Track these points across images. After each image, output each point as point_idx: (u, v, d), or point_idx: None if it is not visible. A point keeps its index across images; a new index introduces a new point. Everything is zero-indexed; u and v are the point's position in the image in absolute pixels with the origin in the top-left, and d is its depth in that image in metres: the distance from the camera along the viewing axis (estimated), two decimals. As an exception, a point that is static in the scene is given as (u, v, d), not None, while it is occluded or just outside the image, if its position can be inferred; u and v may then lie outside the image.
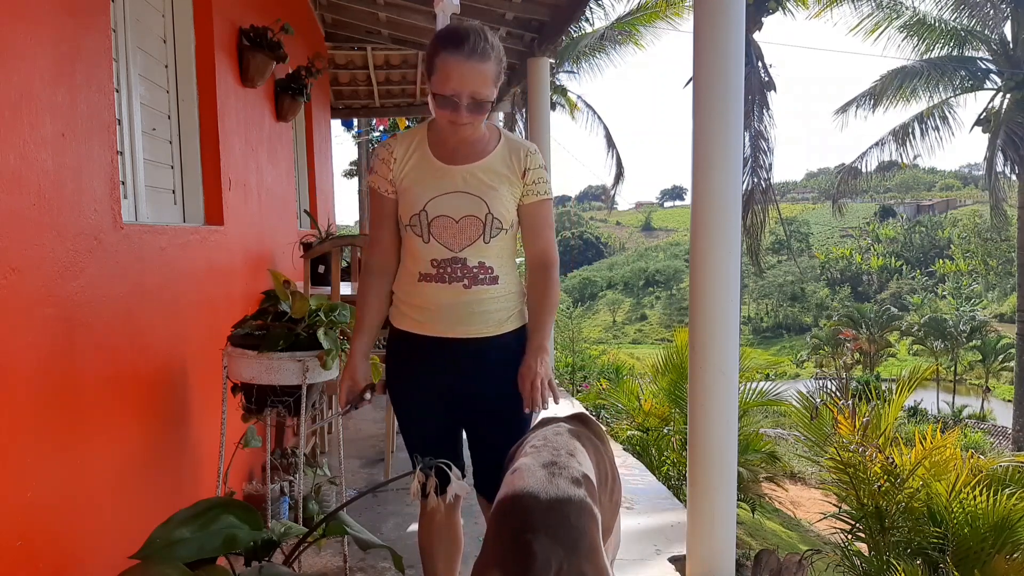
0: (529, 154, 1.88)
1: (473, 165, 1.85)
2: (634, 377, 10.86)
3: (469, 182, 1.83)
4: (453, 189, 1.83)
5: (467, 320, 1.86)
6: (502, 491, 1.48)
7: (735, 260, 2.65)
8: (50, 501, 1.61)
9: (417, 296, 1.89)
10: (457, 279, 1.84)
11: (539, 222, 1.92)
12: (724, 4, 2.54)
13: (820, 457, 3.73)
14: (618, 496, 1.84)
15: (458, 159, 1.85)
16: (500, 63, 1.79)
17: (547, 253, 1.93)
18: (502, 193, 1.84)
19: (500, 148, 1.88)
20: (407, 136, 1.94)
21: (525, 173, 1.87)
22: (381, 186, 1.92)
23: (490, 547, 1.42)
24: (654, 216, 76.89)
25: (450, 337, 1.88)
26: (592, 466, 1.60)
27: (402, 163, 1.89)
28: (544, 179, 1.91)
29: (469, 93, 1.73)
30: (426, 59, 1.80)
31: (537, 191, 1.89)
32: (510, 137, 1.92)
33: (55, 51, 1.65)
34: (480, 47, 1.72)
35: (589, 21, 13.28)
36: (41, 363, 1.58)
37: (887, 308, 36.97)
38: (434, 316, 1.88)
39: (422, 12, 5.71)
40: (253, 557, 1.94)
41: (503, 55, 1.81)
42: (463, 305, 1.85)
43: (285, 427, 3.47)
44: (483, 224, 1.82)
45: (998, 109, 14.53)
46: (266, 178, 3.88)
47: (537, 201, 1.90)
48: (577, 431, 1.69)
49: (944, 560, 3.11)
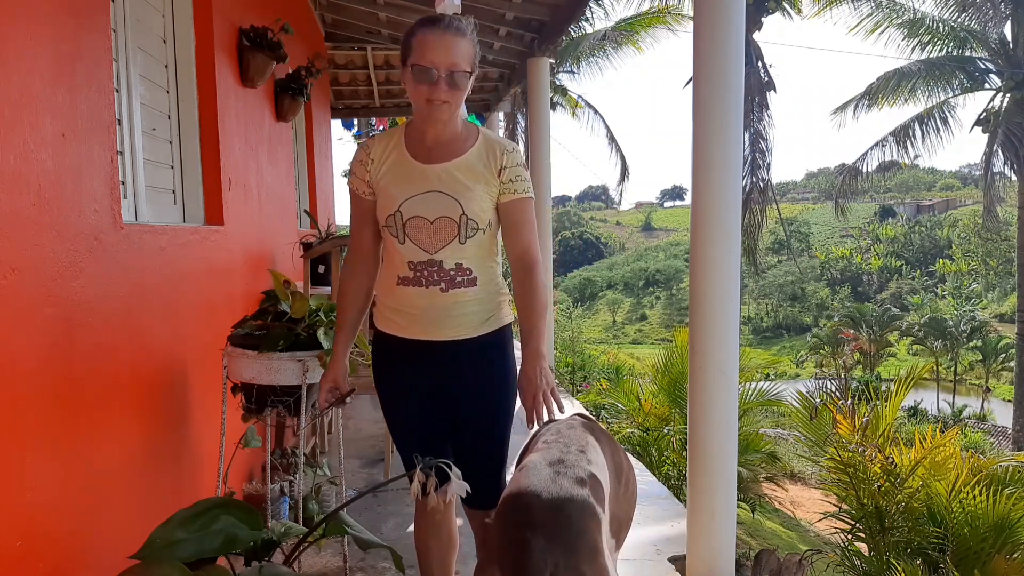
0: (506, 152, 1.87)
1: (449, 164, 1.84)
2: (634, 377, 10.84)
3: (444, 180, 1.83)
4: (428, 189, 1.83)
5: (446, 323, 1.87)
6: (507, 489, 1.50)
7: (735, 260, 2.65)
8: (50, 501, 1.61)
9: (397, 300, 1.91)
10: (434, 283, 1.85)
11: (517, 221, 1.89)
12: (724, 4, 2.54)
13: (820, 457, 3.73)
14: (634, 487, 1.85)
15: (434, 158, 1.85)
16: (475, 46, 1.81)
17: (528, 253, 1.90)
18: (477, 193, 1.83)
19: (477, 146, 1.87)
20: (384, 137, 1.94)
21: (501, 171, 1.85)
22: (359, 187, 1.94)
23: (492, 544, 1.43)
24: (654, 216, 76.87)
25: (430, 340, 1.89)
26: (605, 460, 1.60)
27: (379, 164, 1.90)
28: (522, 177, 1.88)
29: (447, 66, 1.74)
30: (402, 46, 1.82)
31: (514, 189, 1.87)
32: (488, 136, 1.91)
33: (55, 51, 1.65)
34: (455, 24, 1.76)
35: (589, 21, 13.29)
36: (41, 363, 1.58)
37: (887, 308, 36.98)
38: (414, 320, 1.89)
39: (422, 12, 5.70)
40: (253, 557, 1.94)
41: (477, 41, 1.82)
42: (441, 309, 1.86)
43: (285, 427, 3.47)
44: (457, 225, 1.82)
45: (998, 109, 14.53)
46: (266, 178, 3.88)
47: (514, 200, 1.88)
48: (591, 424, 1.70)
49: (944, 560, 3.11)
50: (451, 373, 1.92)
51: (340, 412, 3.20)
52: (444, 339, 1.89)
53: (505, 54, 6.50)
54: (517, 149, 1.90)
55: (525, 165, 1.92)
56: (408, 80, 1.79)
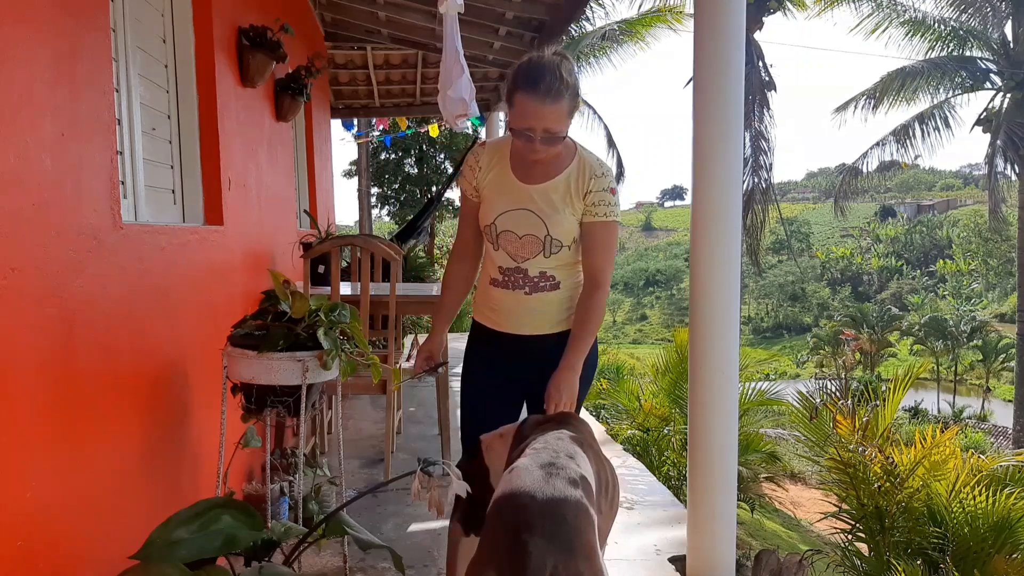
0: (594, 177, 1.98)
1: (543, 185, 1.98)
2: (634, 377, 10.85)
3: (537, 202, 1.98)
4: (521, 206, 1.99)
5: (527, 320, 2.10)
6: (499, 490, 1.48)
7: (735, 260, 2.65)
8: (50, 501, 1.61)
9: (490, 298, 2.16)
10: (519, 286, 2.06)
11: (593, 242, 2.02)
12: (724, 4, 2.54)
13: (820, 457, 3.73)
14: (616, 506, 1.85)
15: (531, 178, 1.99)
16: (575, 98, 1.91)
17: (597, 274, 2.03)
18: (565, 216, 1.98)
19: (571, 167, 1.99)
20: (494, 146, 2.09)
21: (587, 195, 1.97)
22: (467, 190, 2.12)
23: (486, 546, 1.42)
24: (654, 216, 76.82)
25: (514, 334, 2.12)
26: (592, 471, 1.59)
27: (486, 172, 2.06)
28: (606, 202, 1.98)
29: (543, 128, 1.86)
30: (506, 94, 1.96)
31: (596, 212, 1.98)
32: (583, 157, 2.01)
33: (55, 51, 1.65)
34: (555, 88, 1.84)
35: (590, 21, 13.30)
36: (41, 363, 1.58)
37: (888, 308, 36.97)
38: (501, 316, 2.13)
39: (422, 11, 5.71)
40: (253, 557, 1.95)
41: (578, 88, 1.92)
42: (524, 309, 2.09)
43: (285, 427, 3.47)
44: (542, 243, 1.99)
45: (998, 109, 14.53)
46: (266, 178, 3.88)
47: (594, 222, 2.00)
48: (579, 438, 1.70)
49: (944, 560, 3.11)
50: (530, 365, 2.08)
51: (340, 412, 3.20)
52: (527, 334, 2.10)
53: (505, 54, 6.49)
54: (608, 173, 2.01)
55: (614, 189, 2.02)
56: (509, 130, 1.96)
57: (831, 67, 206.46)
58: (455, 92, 3.96)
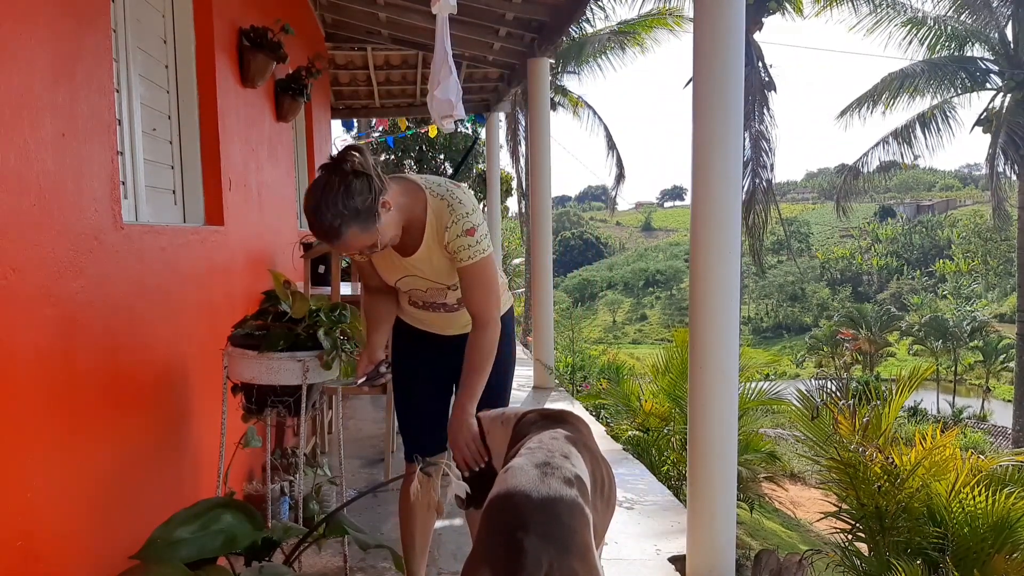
0: (447, 228, 1.91)
1: (416, 255, 1.97)
2: (634, 377, 10.84)
3: (420, 268, 2.00)
4: (409, 274, 2.03)
5: (454, 326, 2.21)
6: (494, 489, 1.49)
7: (735, 260, 2.65)
8: (50, 501, 1.61)
9: (412, 314, 2.24)
10: (439, 309, 2.17)
11: (467, 283, 1.99)
12: (724, 5, 2.55)
13: (820, 457, 3.73)
14: (613, 504, 1.85)
15: (406, 250, 1.97)
16: (367, 218, 1.73)
17: (480, 312, 1.99)
18: (446, 266, 1.99)
19: (428, 226, 1.92)
20: None
21: (447, 246, 1.93)
22: (354, 256, 2.11)
23: (481, 545, 1.42)
24: (654, 216, 76.84)
25: (441, 334, 2.24)
26: (587, 471, 1.60)
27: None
28: (465, 246, 1.91)
29: (354, 251, 1.87)
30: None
31: (460, 258, 1.94)
32: (434, 208, 1.91)
33: (55, 51, 1.66)
34: (333, 228, 1.71)
35: (590, 22, 13.31)
36: (41, 363, 1.58)
37: (887, 308, 36.97)
38: (426, 324, 2.25)
39: (422, 12, 5.70)
40: (253, 557, 1.95)
41: (373, 200, 1.73)
42: (448, 320, 2.20)
43: (285, 427, 3.47)
44: (446, 288, 2.06)
45: (999, 109, 14.53)
46: (266, 178, 3.88)
47: (463, 266, 1.96)
48: (574, 438, 1.70)
49: (944, 560, 3.11)
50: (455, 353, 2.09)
51: (340, 412, 3.20)
52: (452, 334, 2.22)
53: (505, 54, 6.50)
54: (457, 213, 1.89)
55: (471, 229, 1.91)
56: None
57: (832, 67, 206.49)
58: (442, 93, 3.96)
